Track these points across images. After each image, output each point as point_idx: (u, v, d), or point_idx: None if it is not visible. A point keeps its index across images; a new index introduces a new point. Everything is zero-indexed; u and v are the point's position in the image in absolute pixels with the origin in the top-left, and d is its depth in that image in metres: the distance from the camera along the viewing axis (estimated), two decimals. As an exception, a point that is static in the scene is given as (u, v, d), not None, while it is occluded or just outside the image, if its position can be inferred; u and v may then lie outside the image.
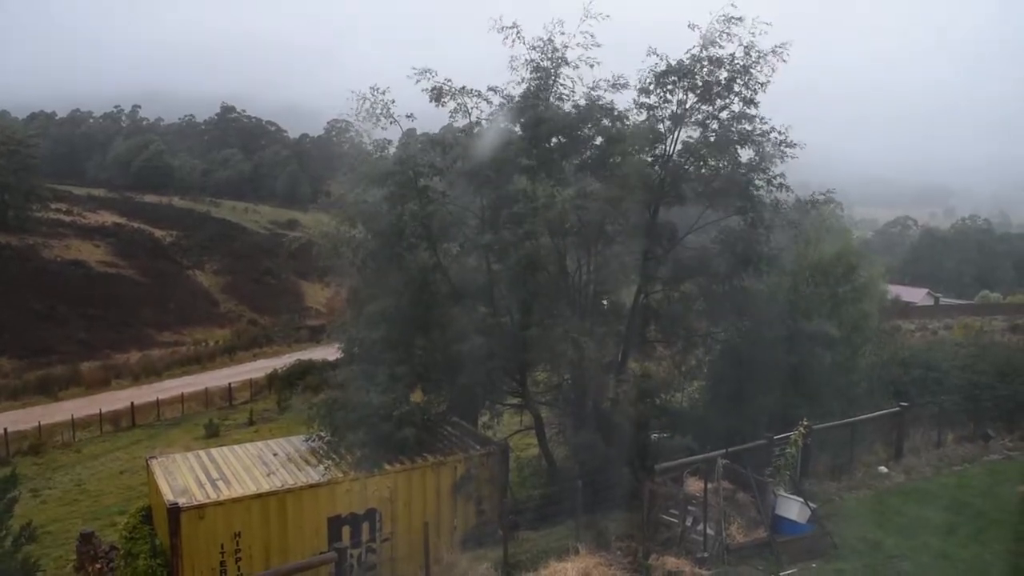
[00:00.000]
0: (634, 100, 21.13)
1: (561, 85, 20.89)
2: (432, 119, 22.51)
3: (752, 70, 20.23)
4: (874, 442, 21.18)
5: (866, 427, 20.65)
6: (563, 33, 20.31)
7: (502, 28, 20.25)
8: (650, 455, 19.09)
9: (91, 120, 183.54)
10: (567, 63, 20.58)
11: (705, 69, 20.37)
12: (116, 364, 64.99)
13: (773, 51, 20.00)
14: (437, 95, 20.51)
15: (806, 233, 22.59)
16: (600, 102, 20.92)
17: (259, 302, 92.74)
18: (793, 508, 15.97)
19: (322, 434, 20.46)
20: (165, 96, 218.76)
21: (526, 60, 20.58)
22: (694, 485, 16.88)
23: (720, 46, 20.20)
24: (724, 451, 16.54)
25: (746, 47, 20.03)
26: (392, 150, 21.70)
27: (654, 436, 20.97)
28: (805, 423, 17.23)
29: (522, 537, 18.34)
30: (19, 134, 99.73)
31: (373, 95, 20.12)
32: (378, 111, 20.14)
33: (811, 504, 16.12)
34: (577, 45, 20.25)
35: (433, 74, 20.37)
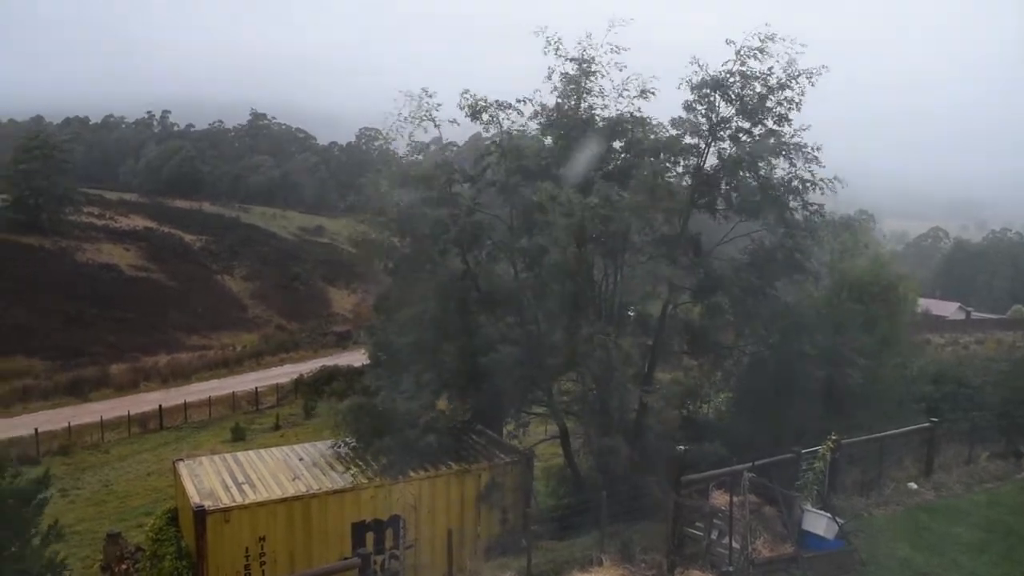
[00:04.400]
0: (678, 117, 21.12)
1: (590, 95, 20.95)
2: (458, 126, 22.69)
3: (786, 88, 20.20)
4: (904, 458, 20.92)
5: (896, 443, 20.39)
6: (591, 45, 20.41)
7: (546, 40, 20.48)
8: (676, 466, 18.95)
9: (123, 126, 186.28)
10: (597, 73, 20.67)
11: (738, 83, 20.34)
12: (145, 367, 65.61)
13: (807, 74, 19.98)
14: (473, 112, 20.82)
15: (839, 248, 22.44)
16: (629, 112, 20.96)
17: (287, 307, 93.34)
18: (820, 523, 15.77)
19: (348, 440, 20.54)
20: (196, 103, 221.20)
21: (561, 72, 20.75)
22: (720, 498, 16.72)
23: (759, 60, 20.20)
24: (750, 464, 16.39)
25: (786, 64, 20.04)
26: (422, 155, 21.77)
27: (680, 448, 20.83)
28: (834, 437, 17.04)
29: (546, 547, 18.27)
30: (54, 139, 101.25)
31: (422, 96, 20.46)
32: (422, 114, 20.45)
33: (839, 519, 15.91)
34: (607, 52, 20.35)
35: (472, 94, 20.86)
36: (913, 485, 19.65)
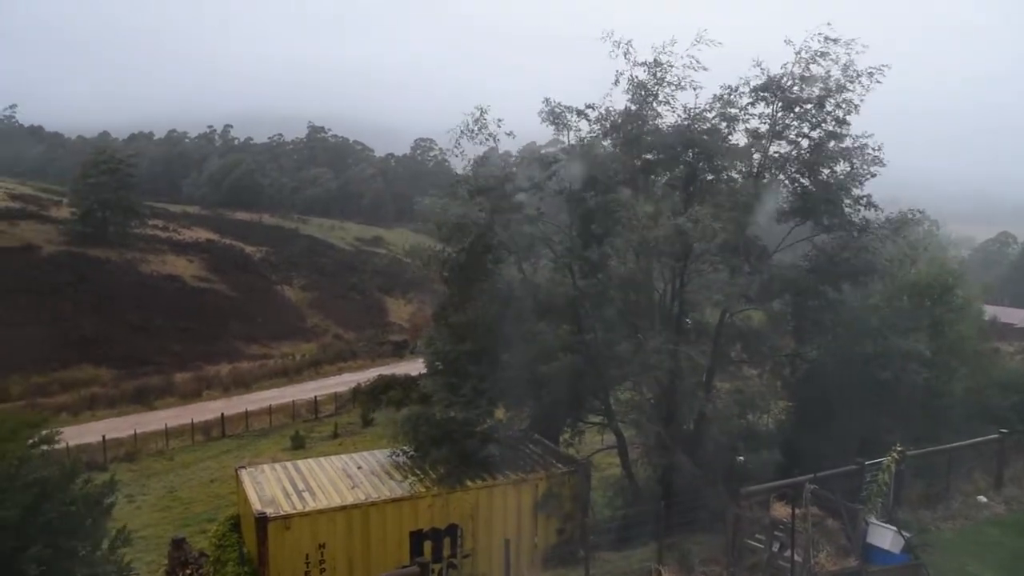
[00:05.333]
0: (709, 106, 20.88)
1: (659, 103, 20.86)
2: (513, 138, 22.74)
3: (846, 90, 19.83)
4: (972, 470, 20.33)
5: (963, 454, 19.84)
6: (670, 53, 20.31)
7: (614, 43, 20.46)
8: (735, 477, 18.72)
9: (186, 140, 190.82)
10: (668, 83, 20.56)
11: (797, 86, 20.04)
12: (207, 376, 66.98)
13: (869, 73, 19.58)
14: (554, 118, 20.96)
15: (900, 251, 21.97)
16: (700, 124, 20.76)
17: (344, 317, 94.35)
18: (886, 537, 15.42)
19: (405, 448, 20.69)
20: (256, 117, 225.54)
21: (630, 77, 20.71)
22: (781, 510, 16.46)
23: (818, 64, 19.89)
24: (812, 476, 16.11)
25: (844, 66, 19.67)
26: (480, 166, 21.89)
27: (739, 458, 20.57)
28: (899, 448, 16.66)
29: (603, 558, 18.16)
30: (120, 154, 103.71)
31: (479, 113, 20.69)
32: (478, 128, 20.63)
33: (905, 533, 15.54)
34: (683, 67, 20.24)
35: (553, 101, 21.00)
36: (982, 498, 19.10)
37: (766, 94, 20.33)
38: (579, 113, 21.02)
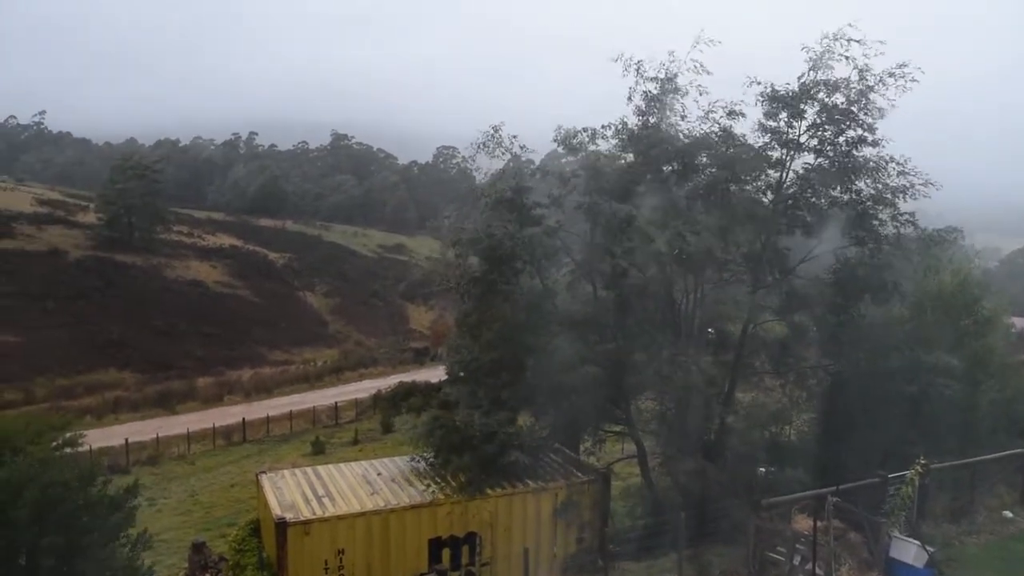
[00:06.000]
0: (759, 122, 20.71)
1: (673, 112, 20.84)
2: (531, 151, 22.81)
3: (870, 95, 19.60)
4: (997, 484, 20.10)
5: (989, 468, 19.64)
6: (674, 61, 20.27)
7: (623, 63, 20.50)
8: (757, 489, 18.59)
9: (212, 147, 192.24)
10: (678, 92, 20.51)
11: (820, 94, 19.87)
12: (229, 381, 67.25)
13: (892, 75, 19.31)
14: (567, 144, 21.19)
15: (926, 262, 21.75)
16: (715, 129, 20.67)
17: (366, 324, 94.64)
18: (909, 551, 15.26)
19: (426, 455, 20.70)
20: (280, 124, 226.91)
21: (642, 91, 20.71)
22: (802, 522, 16.33)
23: (832, 68, 19.71)
24: (835, 488, 15.97)
25: (860, 70, 19.44)
26: (499, 179, 21.93)
27: (761, 470, 20.42)
28: (923, 462, 16.48)
29: (623, 568, 18.08)
30: (146, 160, 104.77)
31: (494, 131, 20.98)
32: (494, 144, 20.80)
33: (928, 547, 15.37)
34: (688, 71, 20.19)
35: (565, 129, 21.22)
36: (1008, 513, 18.88)
37: (787, 103, 20.18)
38: (592, 135, 21.10)
